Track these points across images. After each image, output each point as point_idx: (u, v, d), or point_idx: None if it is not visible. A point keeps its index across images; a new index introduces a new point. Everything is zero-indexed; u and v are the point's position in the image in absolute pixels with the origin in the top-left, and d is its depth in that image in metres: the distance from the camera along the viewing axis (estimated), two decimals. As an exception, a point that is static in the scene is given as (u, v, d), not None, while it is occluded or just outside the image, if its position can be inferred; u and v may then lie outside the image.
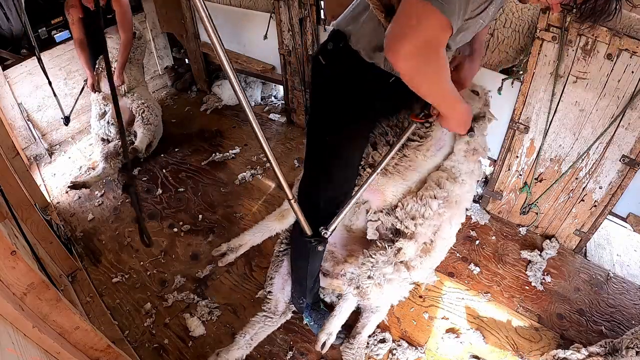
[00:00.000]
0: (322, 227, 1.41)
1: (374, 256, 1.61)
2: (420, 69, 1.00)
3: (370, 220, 1.67)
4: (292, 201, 1.29)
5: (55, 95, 2.88)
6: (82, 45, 2.84)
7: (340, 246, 1.79)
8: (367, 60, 1.22)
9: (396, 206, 1.59)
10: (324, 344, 1.77)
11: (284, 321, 1.92)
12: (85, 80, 2.97)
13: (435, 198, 1.52)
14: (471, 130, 1.36)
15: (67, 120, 2.97)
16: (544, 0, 1.06)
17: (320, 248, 1.46)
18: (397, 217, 1.58)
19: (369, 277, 1.64)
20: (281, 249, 1.92)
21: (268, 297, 1.91)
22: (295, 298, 1.88)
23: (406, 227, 1.56)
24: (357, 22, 1.22)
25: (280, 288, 1.90)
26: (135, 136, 2.99)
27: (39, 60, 2.66)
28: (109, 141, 2.97)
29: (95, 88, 2.93)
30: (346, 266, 1.76)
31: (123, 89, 2.92)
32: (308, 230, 1.40)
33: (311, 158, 1.52)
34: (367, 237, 1.69)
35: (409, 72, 1.01)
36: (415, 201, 1.54)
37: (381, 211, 1.63)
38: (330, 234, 1.43)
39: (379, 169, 1.45)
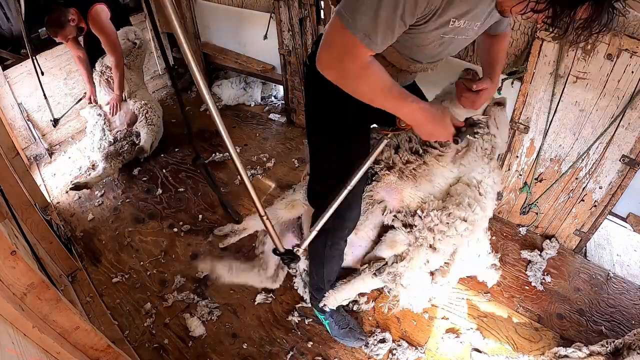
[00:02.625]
0: (294, 245, 1.36)
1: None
2: (342, 78, 1.09)
3: (391, 226, 1.67)
4: (264, 218, 1.24)
5: (45, 97, 2.99)
6: (81, 60, 2.93)
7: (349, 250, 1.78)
8: None
9: (415, 212, 1.58)
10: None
11: (270, 287, 1.96)
12: (84, 94, 3.09)
13: (465, 221, 1.51)
14: (456, 136, 1.23)
15: (55, 122, 3.12)
16: (528, 14, 1.00)
17: (292, 265, 1.40)
18: (415, 225, 1.57)
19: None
20: None
21: (260, 256, 1.92)
22: (315, 299, 1.86)
23: (424, 237, 1.55)
24: None
25: (270, 250, 1.88)
26: (138, 136, 3.00)
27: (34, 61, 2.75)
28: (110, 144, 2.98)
29: (93, 100, 3.01)
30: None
31: (124, 95, 2.96)
32: (280, 247, 1.34)
33: (312, 157, 1.52)
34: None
35: (333, 79, 1.10)
36: (439, 217, 1.51)
37: (399, 212, 1.61)
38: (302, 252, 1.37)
39: (349, 187, 1.37)
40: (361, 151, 1.47)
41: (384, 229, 1.73)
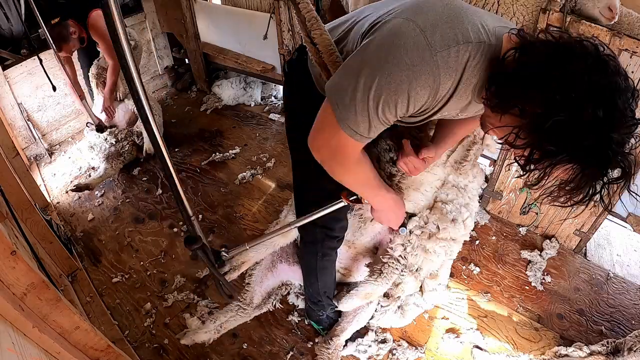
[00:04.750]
0: (222, 246, 1.30)
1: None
2: (330, 165, 1.07)
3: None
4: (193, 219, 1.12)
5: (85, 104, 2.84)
6: (75, 84, 2.86)
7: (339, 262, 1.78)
8: (319, 89, 1.21)
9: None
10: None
11: (258, 314, 1.95)
12: (88, 123, 2.93)
13: (454, 240, 1.56)
14: (403, 225, 1.42)
15: (100, 128, 2.85)
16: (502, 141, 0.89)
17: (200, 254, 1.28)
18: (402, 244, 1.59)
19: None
20: None
21: (246, 288, 1.93)
22: (313, 311, 1.84)
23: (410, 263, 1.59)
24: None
25: (259, 281, 1.90)
26: (139, 137, 3.00)
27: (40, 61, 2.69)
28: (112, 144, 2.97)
29: (108, 115, 2.91)
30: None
31: (119, 95, 2.96)
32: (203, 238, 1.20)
33: (294, 166, 1.50)
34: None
35: (322, 163, 1.08)
36: (434, 247, 1.55)
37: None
38: (230, 257, 1.30)
39: (282, 231, 1.40)
40: None
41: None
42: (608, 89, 0.73)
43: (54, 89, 2.81)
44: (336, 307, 1.79)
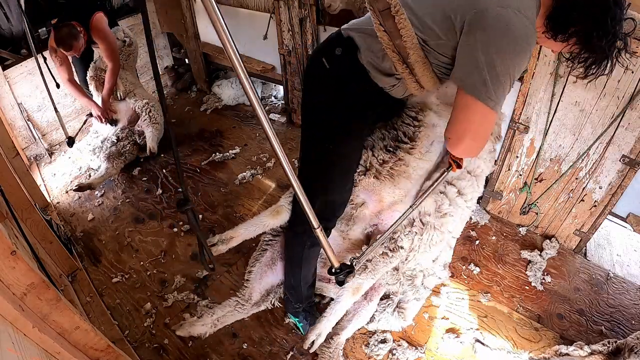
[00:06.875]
0: (352, 257, 1.34)
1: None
2: (473, 152, 1.23)
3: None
4: (318, 230, 1.18)
5: (57, 112, 2.87)
6: (73, 82, 2.87)
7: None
8: (373, 80, 1.25)
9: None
10: (312, 343, 1.75)
11: (256, 311, 1.95)
12: (89, 114, 3.00)
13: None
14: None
15: (71, 141, 2.92)
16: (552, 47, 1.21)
17: (349, 280, 1.34)
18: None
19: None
20: (266, 239, 1.92)
21: (245, 284, 1.93)
22: (289, 302, 1.87)
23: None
24: (369, 40, 1.22)
25: (258, 278, 1.90)
26: (140, 136, 3.00)
27: (37, 60, 2.67)
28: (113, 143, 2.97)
29: (105, 117, 2.92)
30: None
31: (120, 94, 2.96)
32: (335, 262, 1.26)
33: (306, 161, 1.51)
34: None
35: (465, 156, 1.29)
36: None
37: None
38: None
39: (419, 203, 1.44)
40: (354, 149, 1.47)
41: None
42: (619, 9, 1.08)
43: (58, 86, 2.82)
44: (314, 301, 1.82)
